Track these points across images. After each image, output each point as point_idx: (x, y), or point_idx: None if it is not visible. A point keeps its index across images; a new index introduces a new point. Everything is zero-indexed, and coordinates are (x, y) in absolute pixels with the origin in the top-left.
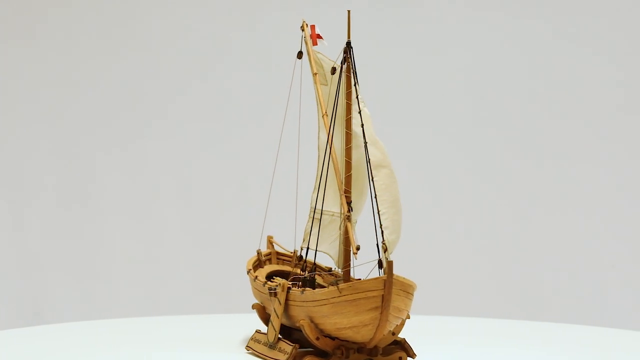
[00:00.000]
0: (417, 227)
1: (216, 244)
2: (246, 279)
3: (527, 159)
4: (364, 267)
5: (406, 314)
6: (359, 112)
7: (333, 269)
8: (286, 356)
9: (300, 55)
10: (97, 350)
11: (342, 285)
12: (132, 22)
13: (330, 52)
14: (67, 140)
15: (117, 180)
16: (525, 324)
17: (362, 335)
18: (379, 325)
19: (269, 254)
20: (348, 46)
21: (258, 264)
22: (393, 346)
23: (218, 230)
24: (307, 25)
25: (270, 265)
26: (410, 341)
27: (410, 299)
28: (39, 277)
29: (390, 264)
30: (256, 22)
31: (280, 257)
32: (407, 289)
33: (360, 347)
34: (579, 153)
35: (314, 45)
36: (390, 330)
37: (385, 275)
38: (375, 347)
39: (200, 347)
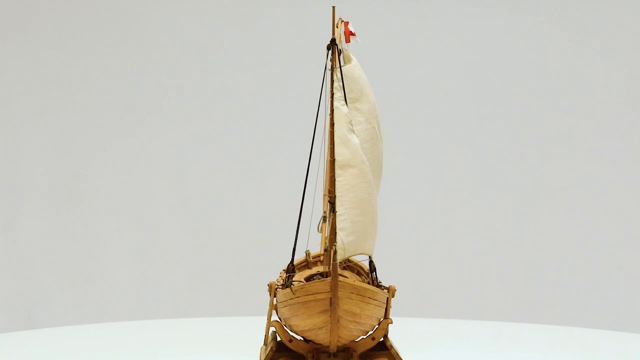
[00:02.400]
0: (419, 228)
1: (215, 245)
2: (249, 280)
3: (531, 158)
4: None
5: (371, 319)
6: (331, 110)
7: None
8: (264, 356)
9: (339, 52)
10: (93, 355)
11: (295, 286)
12: (126, 18)
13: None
14: (60, 138)
15: (111, 180)
16: (527, 327)
17: (321, 338)
18: (331, 329)
19: (319, 255)
20: (332, 43)
21: (305, 264)
22: (377, 352)
23: (217, 231)
24: (342, 21)
25: (322, 265)
26: (409, 344)
27: (371, 303)
28: (31, 279)
29: (334, 266)
30: (255, 18)
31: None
32: (363, 293)
33: (335, 352)
34: (584, 153)
35: (346, 42)
36: (370, 335)
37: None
38: (349, 352)
39: (202, 350)
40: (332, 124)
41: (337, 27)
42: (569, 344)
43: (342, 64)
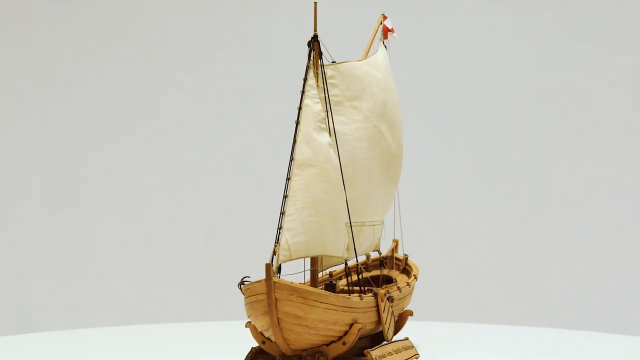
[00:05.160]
0: (425, 231)
1: (212, 247)
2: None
3: (536, 161)
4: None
5: (327, 323)
6: (299, 108)
7: None
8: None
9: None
10: None
11: (245, 286)
12: (122, 16)
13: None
14: (55, 138)
15: (107, 181)
16: (536, 331)
17: (275, 340)
18: (273, 331)
19: (385, 257)
20: (314, 39)
21: (365, 267)
22: (352, 357)
23: (214, 233)
24: (384, 17)
25: (385, 268)
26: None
27: (318, 307)
28: (25, 282)
29: (268, 266)
30: (253, 15)
31: (397, 261)
32: (305, 295)
33: (305, 356)
34: (589, 155)
35: (384, 38)
36: (341, 340)
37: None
38: (316, 357)
39: (200, 354)
40: (298, 122)
41: (380, 22)
42: (580, 349)
43: (323, 61)
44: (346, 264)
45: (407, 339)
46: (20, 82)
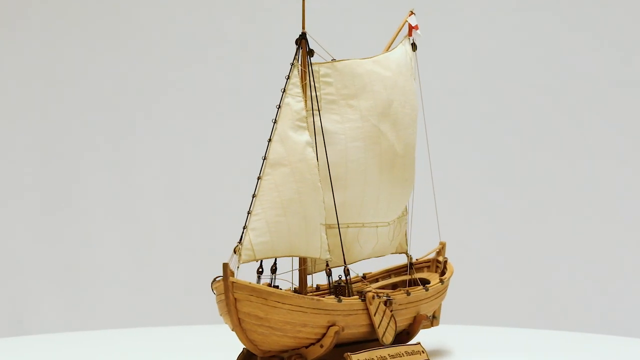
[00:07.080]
0: (431, 232)
1: (210, 249)
2: None
3: (545, 161)
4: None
5: (295, 325)
6: (278, 107)
7: None
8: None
9: (415, 47)
10: None
11: (214, 283)
12: (118, 14)
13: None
14: (50, 138)
15: (103, 181)
16: (545, 334)
17: (240, 340)
18: (236, 332)
19: (429, 260)
20: (302, 37)
21: (404, 270)
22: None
23: (211, 234)
24: (412, 14)
25: (428, 272)
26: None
27: (281, 308)
28: (20, 283)
29: (225, 266)
30: (249, 13)
31: (439, 264)
32: (266, 296)
33: (286, 357)
34: (601, 155)
35: (409, 35)
36: (319, 343)
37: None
38: (296, 357)
39: (193, 356)
40: (275, 121)
41: (405, 19)
42: (589, 351)
43: (322, 60)
44: (327, 265)
45: (419, 343)
46: (14, 81)
